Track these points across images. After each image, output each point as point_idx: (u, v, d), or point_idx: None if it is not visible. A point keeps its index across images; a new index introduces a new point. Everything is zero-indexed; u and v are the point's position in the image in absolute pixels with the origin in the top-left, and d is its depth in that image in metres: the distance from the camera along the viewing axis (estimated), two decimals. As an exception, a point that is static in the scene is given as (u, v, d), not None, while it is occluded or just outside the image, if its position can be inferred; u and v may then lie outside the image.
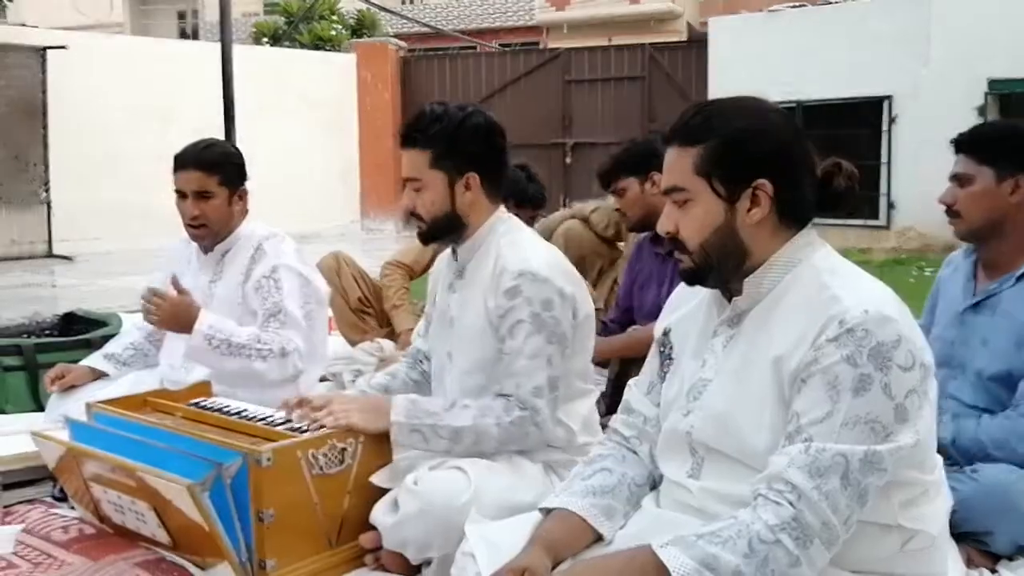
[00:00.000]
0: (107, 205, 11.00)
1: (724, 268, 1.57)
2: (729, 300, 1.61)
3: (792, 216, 1.56)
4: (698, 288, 1.66)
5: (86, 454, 2.23)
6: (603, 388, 3.19)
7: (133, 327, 3.19)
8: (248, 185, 2.95)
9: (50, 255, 10.69)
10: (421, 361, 2.54)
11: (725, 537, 1.39)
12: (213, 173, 2.84)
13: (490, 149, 2.27)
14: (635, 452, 1.74)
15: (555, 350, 2.14)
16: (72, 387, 2.95)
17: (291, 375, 2.76)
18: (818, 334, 1.45)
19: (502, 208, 2.33)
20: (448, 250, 2.39)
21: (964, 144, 2.33)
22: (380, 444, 2.23)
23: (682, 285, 1.73)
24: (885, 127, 10.21)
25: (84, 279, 9.08)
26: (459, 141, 2.21)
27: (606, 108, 13.88)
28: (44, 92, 10.62)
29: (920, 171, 9.90)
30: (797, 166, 1.56)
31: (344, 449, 2.16)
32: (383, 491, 2.17)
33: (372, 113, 14.52)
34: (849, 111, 10.22)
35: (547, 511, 1.66)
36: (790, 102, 9.70)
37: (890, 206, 10.28)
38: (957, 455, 2.14)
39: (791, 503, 1.39)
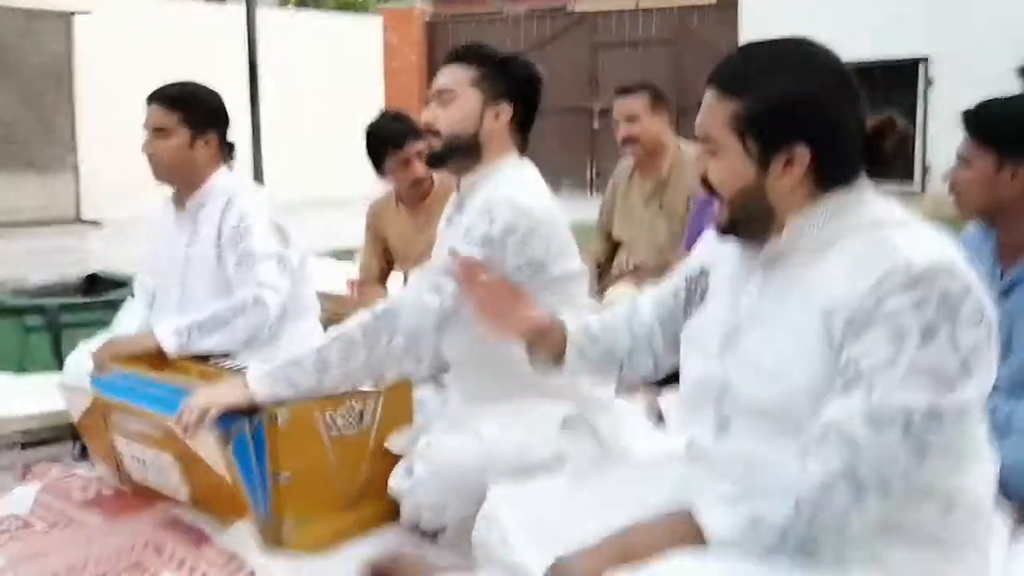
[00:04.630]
0: (135, 170, 10.92)
1: (751, 226, 1.50)
2: (764, 244, 1.53)
3: (831, 179, 1.46)
4: None
5: (115, 405, 2.22)
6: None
7: (136, 301, 3.04)
8: (269, 149, 2.83)
9: (78, 220, 10.75)
10: None
11: (771, 493, 1.33)
12: (174, 110, 2.67)
13: (532, 91, 2.22)
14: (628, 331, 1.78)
15: None
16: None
17: (271, 316, 2.56)
18: (880, 281, 1.36)
19: (517, 154, 2.23)
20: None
21: (967, 122, 2.16)
22: (400, 407, 2.21)
23: None
24: (921, 89, 9.99)
25: (113, 244, 9.11)
26: (508, 69, 2.18)
27: (634, 72, 13.68)
28: (71, 57, 10.64)
29: (958, 135, 9.65)
30: (841, 128, 1.45)
31: (362, 411, 2.12)
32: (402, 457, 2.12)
33: (398, 77, 14.43)
34: (883, 73, 9.98)
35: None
36: (823, 64, 9.47)
37: (925, 170, 10.08)
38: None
39: (845, 455, 1.32)
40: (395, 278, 3.87)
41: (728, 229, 1.54)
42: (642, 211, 3.91)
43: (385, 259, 3.79)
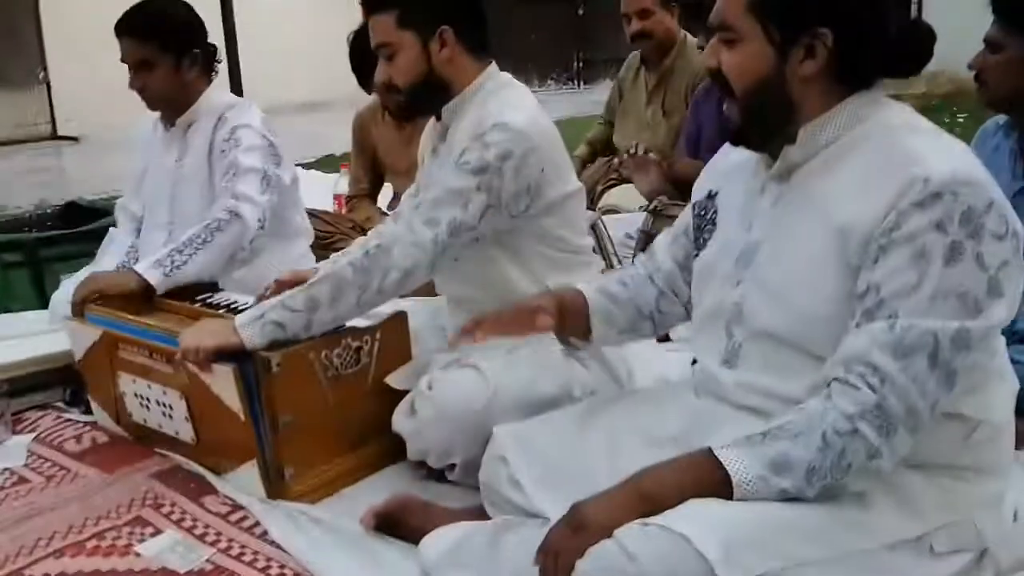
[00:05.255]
0: (110, 81, 10.57)
1: (768, 123, 1.41)
2: (776, 157, 1.44)
3: (851, 75, 1.37)
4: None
5: (124, 339, 2.15)
6: (639, 244, 3.11)
7: (119, 231, 2.94)
8: (247, 55, 2.70)
9: (55, 136, 10.45)
10: None
11: (795, 431, 1.26)
12: (150, 39, 2.55)
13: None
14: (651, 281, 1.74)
15: (480, 200, 1.90)
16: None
17: (250, 229, 2.49)
18: (897, 197, 1.27)
19: (493, 66, 2.09)
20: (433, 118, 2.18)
21: (996, 5, 2.07)
22: (398, 342, 2.12)
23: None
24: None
25: (92, 159, 8.87)
26: None
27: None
28: (31, -37, 10.18)
29: (951, 15, 9.36)
30: (864, 19, 1.34)
31: (359, 348, 2.04)
32: (404, 391, 2.05)
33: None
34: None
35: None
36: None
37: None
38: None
39: (873, 388, 1.25)
40: (385, 192, 3.76)
41: (741, 133, 1.46)
42: (643, 113, 3.87)
43: (374, 171, 3.67)
